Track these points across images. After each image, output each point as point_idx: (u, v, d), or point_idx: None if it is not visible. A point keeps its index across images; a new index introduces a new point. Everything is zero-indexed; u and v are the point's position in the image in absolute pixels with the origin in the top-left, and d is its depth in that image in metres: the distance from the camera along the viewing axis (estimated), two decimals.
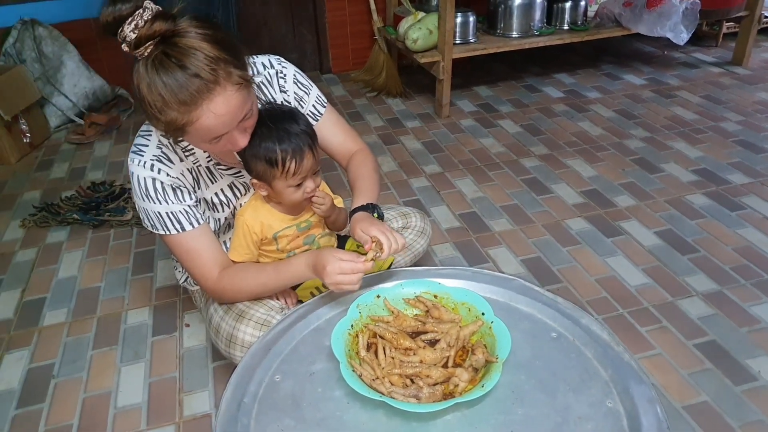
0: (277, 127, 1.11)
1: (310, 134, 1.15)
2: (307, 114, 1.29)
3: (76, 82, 2.84)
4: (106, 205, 2.16)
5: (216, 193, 1.22)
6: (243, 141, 1.06)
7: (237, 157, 1.19)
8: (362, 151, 1.37)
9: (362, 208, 1.21)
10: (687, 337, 1.49)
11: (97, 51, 2.95)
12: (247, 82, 1.00)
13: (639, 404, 0.84)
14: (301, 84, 1.27)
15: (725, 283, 1.66)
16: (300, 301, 1.25)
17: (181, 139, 1.09)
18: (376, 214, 1.21)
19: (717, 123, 2.59)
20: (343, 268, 1.04)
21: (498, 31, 2.89)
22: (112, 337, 1.59)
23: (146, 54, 0.93)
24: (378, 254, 1.08)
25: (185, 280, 1.43)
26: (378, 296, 1.03)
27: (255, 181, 1.17)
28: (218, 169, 1.21)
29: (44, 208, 2.16)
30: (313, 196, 1.19)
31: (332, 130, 1.34)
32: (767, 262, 1.73)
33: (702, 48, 3.48)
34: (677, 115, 2.68)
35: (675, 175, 2.21)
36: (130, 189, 2.21)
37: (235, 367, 0.95)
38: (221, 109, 0.97)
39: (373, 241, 1.09)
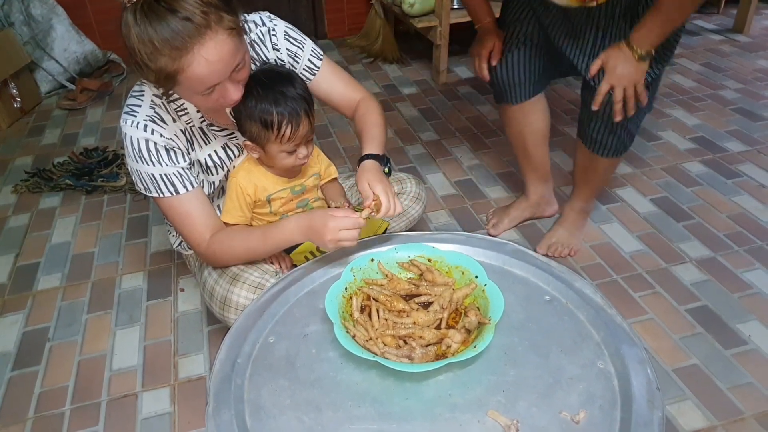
0: (274, 89, 1.09)
1: (307, 99, 1.14)
2: (304, 68, 1.26)
3: (66, 46, 2.78)
4: (99, 170, 2.14)
5: (209, 155, 1.20)
6: (236, 94, 1.04)
7: (230, 117, 1.17)
8: (366, 98, 1.33)
9: (374, 157, 1.19)
10: (679, 302, 1.50)
11: (87, 15, 2.88)
12: (239, 29, 0.98)
13: (630, 365, 0.84)
14: (294, 39, 1.24)
15: (719, 249, 1.67)
16: (294, 266, 1.25)
17: (172, 93, 1.07)
18: (387, 169, 1.20)
19: (716, 91, 2.57)
20: (345, 224, 1.03)
21: None
22: (106, 302, 1.59)
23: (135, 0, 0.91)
24: (373, 214, 1.08)
25: (179, 244, 1.42)
26: (372, 260, 1.03)
27: (248, 143, 1.15)
28: (212, 130, 1.20)
29: (36, 174, 2.14)
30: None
31: (332, 82, 1.31)
32: (761, 229, 1.74)
33: (703, 15, 3.42)
34: (676, 83, 2.65)
35: (672, 143, 2.20)
36: (123, 155, 2.19)
37: (229, 328, 0.96)
38: (213, 55, 0.94)
39: (374, 200, 1.08)
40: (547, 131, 1.69)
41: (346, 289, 0.97)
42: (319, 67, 1.28)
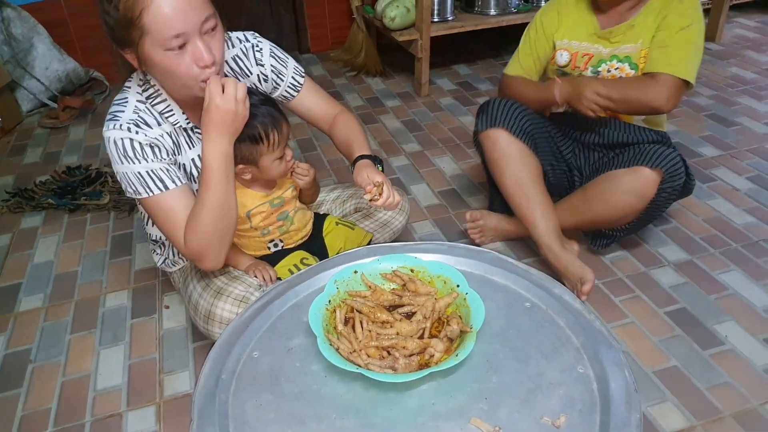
0: None
1: (271, 101, 1.18)
2: (289, 86, 1.30)
3: (48, 64, 2.77)
4: (82, 189, 2.13)
5: (193, 159, 1.21)
6: (207, 56, 1.02)
7: None
8: (344, 111, 1.39)
9: (367, 157, 1.24)
10: (659, 305, 1.53)
11: (68, 33, 2.89)
12: None
13: (608, 368, 0.86)
14: (278, 57, 1.27)
15: (695, 252, 1.71)
16: (279, 279, 1.26)
17: (156, 94, 1.08)
18: (380, 167, 1.25)
19: (690, 98, 2.63)
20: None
21: (476, 9, 2.88)
22: (90, 321, 1.58)
23: None
24: (375, 197, 1.13)
25: (163, 262, 1.42)
26: (355, 272, 1.04)
27: (240, 167, 1.17)
28: (196, 132, 1.20)
29: (18, 194, 2.12)
30: (293, 169, 1.21)
31: (314, 99, 1.35)
32: (735, 232, 1.78)
33: None
34: None
35: None
36: (106, 173, 2.18)
37: (214, 344, 0.96)
38: None
39: (375, 185, 1.13)
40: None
41: (329, 301, 0.98)
42: (302, 84, 1.31)
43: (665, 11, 1.44)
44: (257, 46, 1.24)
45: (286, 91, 1.31)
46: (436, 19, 2.75)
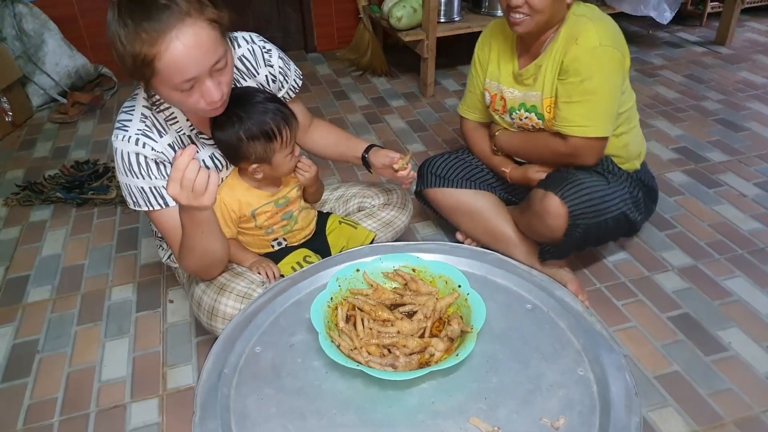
0: (250, 106, 1.14)
1: (276, 98, 1.20)
2: (291, 87, 1.34)
3: (58, 60, 2.80)
4: (90, 183, 2.15)
5: None
6: (216, 93, 1.03)
7: None
8: (318, 118, 1.50)
9: (375, 146, 1.41)
10: (661, 310, 1.53)
11: (78, 29, 2.91)
12: (221, 24, 1.00)
13: (609, 372, 0.86)
14: (284, 59, 1.31)
15: (700, 257, 1.70)
16: (282, 276, 1.27)
17: (160, 101, 1.09)
18: None
19: (698, 102, 2.62)
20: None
21: (483, 10, 2.88)
22: (96, 313, 1.60)
23: None
24: (404, 166, 1.33)
25: (168, 257, 1.44)
26: (358, 270, 1.05)
27: (254, 166, 1.18)
28: (200, 138, 1.22)
29: (27, 187, 2.15)
30: (298, 165, 1.23)
31: (299, 105, 1.40)
32: (741, 238, 1.78)
33: (686, 27, 3.49)
34: (659, 94, 2.71)
35: (655, 153, 2.24)
36: (113, 167, 2.20)
37: (217, 339, 0.97)
38: (190, 41, 0.95)
39: (400, 158, 1.33)
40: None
41: (331, 299, 0.99)
42: (299, 87, 1.35)
43: (563, 55, 1.35)
44: (265, 48, 1.26)
45: (287, 92, 1.33)
46: (442, 20, 2.75)
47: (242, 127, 1.12)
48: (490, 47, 1.54)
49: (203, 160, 1.23)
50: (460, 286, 0.99)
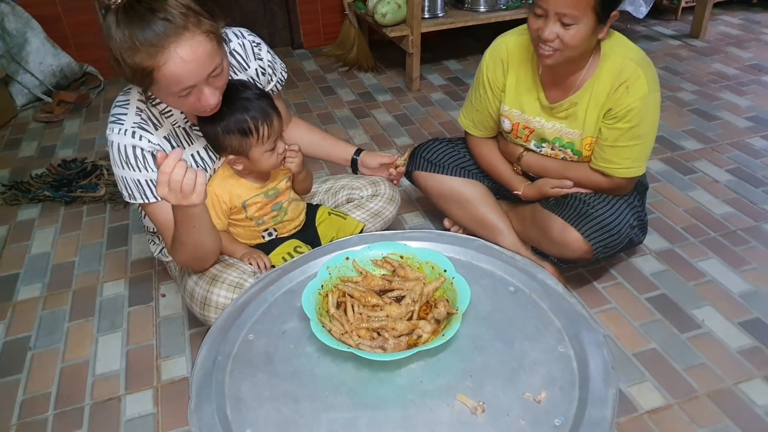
0: (235, 100, 1.16)
1: (267, 95, 1.21)
2: (278, 80, 1.36)
3: (42, 59, 2.78)
4: (78, 181, 2.15)
5: (192, 155, 1.24)
6: (213, 99, 1.07)
7: None
8: (296, 117, 1.57)
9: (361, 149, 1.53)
10: (640, 291, 1.59)
11: (63, 28, 2.89)
12: (217, 35, 1.03)
13: (588, 348, 0.90)
14: (272, 53, 1.34)
15: (676, 241, 1.77)
16: (273, 266, 1.29)
17: (151, 95, 1.11)
18: None
19: (674, 93, 2.68)
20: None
21: (466, 6, 2.92)
22: (88, 309, 1.62)
23: (118, 1, 0.96)
24: (401, 163, 1.52)
25: (160, 251, 1.45)
26: (347, 258, 1.08)
27: (232, 157, 1.20)
28: (194, 130, 1.24)
29: (14, 186, 2.14)
30: (285, 157, 1.26)
31: (282, 101, 1.41)
32: (714, 222, 1.85)
33: (662, 21, 3.57)
34: None
35: None
36: (102, 166, 2.21)
37: (210, 328, 1.00)
38: (188, 55, 0.98)
39: (399, 156, 1.48)
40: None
41: (322, 286, 1.01)
42: (284, 81, 1.38)
43: (611, 102, 1.32)
44: (254, 42, 1.30)
45: (276, 85, 1.36)
46: (426, 16, 2.78)
47: (221, 122, 1.15)
48: (504, 71, 1.45)
49: (198, 152, 1.25)
50: (446, 271, 1.02)
